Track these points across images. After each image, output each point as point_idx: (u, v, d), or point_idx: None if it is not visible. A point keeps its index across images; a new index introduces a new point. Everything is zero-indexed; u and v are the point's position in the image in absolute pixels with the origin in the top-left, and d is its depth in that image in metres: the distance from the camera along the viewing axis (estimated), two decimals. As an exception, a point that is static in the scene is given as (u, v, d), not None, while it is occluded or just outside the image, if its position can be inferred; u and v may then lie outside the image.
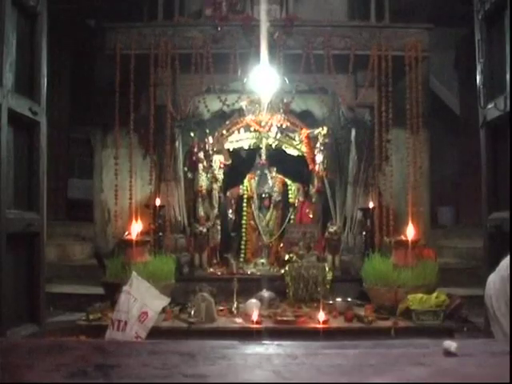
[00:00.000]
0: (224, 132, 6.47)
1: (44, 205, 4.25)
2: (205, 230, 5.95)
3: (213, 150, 6.34)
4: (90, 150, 7.89)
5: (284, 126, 6.42)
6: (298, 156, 6.58)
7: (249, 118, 6.37)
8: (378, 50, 5.91)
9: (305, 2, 6.58)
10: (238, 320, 4.75)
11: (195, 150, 6.32)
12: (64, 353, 1.53)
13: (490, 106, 4.24)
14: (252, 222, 6.40)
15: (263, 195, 6.38)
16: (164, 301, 4.39)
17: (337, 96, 6.27)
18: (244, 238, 6.38)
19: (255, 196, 6.43)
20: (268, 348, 1.59)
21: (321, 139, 6.32)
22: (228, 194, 6.55)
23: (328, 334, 4.42)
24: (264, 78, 5.88)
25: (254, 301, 4.91)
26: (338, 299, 5.15)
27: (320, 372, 1.36)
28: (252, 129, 6.41)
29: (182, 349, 1.59)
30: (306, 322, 4.68)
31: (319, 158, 6.32)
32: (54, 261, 6.76)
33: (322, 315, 4.57)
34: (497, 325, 2.95)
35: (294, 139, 6.51)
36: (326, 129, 6.36)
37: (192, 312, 4.70)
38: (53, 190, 7.83)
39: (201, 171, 6.32)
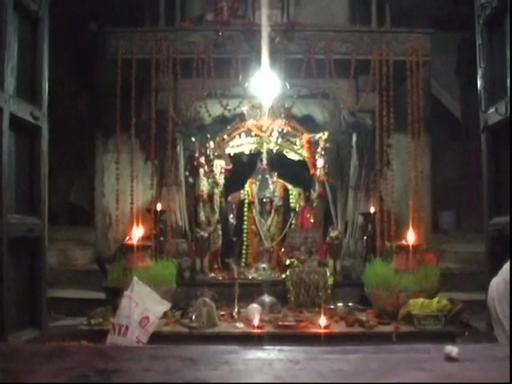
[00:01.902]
0: (225, 137, 6.48)
1: (45, 209, 4.25)
2: (206, 235, 5.95)
3: (214, 154, 6.34)
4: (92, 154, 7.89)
5: (285, 131, 6.43)
6: (299, 161, 6.59)
7: (250, 123, 6.38)
8: (379, 54, 5.92)
9: (306, 7, 6.59)
10: (240, 325, 4.74)
11: (196, 154, 6.33)
12: (65, 357, 1.53)
13: (491, 110, 4.24)
14: (253, 227, 6.41)
15: (264, 200, 6.39)
16: (165, 305, 4.39)
17: (338, 101, 6.27)
18: (245, 243, 6.38)
19: (256, 201, 6.44)
20: (269, 353, 1.58)
21: (322, 144, 6.33)
22: (229, 198, 6.56)
23: (329, 339, 4.42)
24: (265, 83, 5.89)
25: (255, 306, 4.91)
26: (340, 304, 5.15)
27: (321, 377, 1.36)
28: (253, 133, 6.42)
29: (184, 354, 1.58)
30: (307, 327, 4.67)
31: (320, 162, 6.33)
32: (56, 265, 6.76)
33: (323, 320, 4.57)
34: (500, 327, 2.96)
35: (295, 144, 6.52)
36: (327, 133, 6.37)
37: (193, 317, 4.70)
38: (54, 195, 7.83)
39: (202, 176, 6.33)
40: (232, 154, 6.57)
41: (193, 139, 6.38)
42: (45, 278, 4.29)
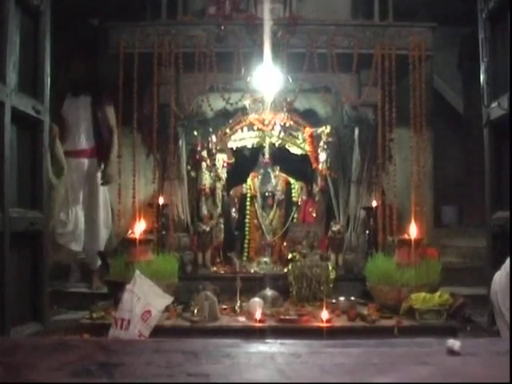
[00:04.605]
0: (227, 131, 6.48)
1: (47, 203, 4.25)
2: (208, 229, 5.95)
3: (216, 148, 6.33)
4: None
5: (287, 125, 6.42)
6: (302, 155, 6.58)
7: (252, 117, 6.37)
8: (381, 48, 5.91)
9: (308, 1, 6.57)
10: (241, 319, 4.75)
11: (198, 148, 6.32)
12: (67, 351, 1.53)
13: (493, 104, 4.23)
14: (255, 221, 6.41)
15: (266, 194, 6.38)
16: (167, 299, 4.39)
17: (340, 95, 6.26)
18: (247, 237, 6.38)
19: (258, 195, 6.44)
20: (271, 347, 1.59)
21: (324, 138, 6.32)
22: (231, 192, 6.56)
23: (331, 333, 4.42)
24: (267, 77, 5.88)
25: (257, 299, 4.91)
26: (341, 298, 5.15)
27: (323, 371, 1.36)
28: (255, 127, 6.41)
29: (186, 347, 1.59)
30: (309, 321, 4.68)
31: (322, 156, 6.33)
32: (58, 259, 6.75)
33: (325, 314, 4.57)
34: (502, 320, 2.98)
35: (297, 138, 6.52)
36: (329, 127, 6.36)
37: (195, 311, 4.71)
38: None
39: (204, 170, 6.33)
40: (234, 148, 6.57)
41: (195, 133, 6.38)
42: (46, 272, 4.30)
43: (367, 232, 5.98)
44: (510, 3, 3.93)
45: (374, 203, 5.95)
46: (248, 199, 6.45)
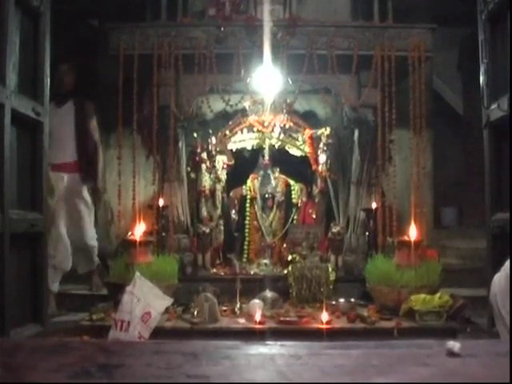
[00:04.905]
0: (227, 132, 6.47)
1: (47, 205, 4.25)
2: (208, 231, 5.94)
3: (216, 150, 6.33)
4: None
5: (287, 127, 6.42)
6: (301, 156, 6.57)
7: (252, 119, 6.36)
8: (381, 50, 5.91)
9: (308, 2, 6.57)
10: (241, 320, 4.74)
11: (198, 150, 6.31)
12: (67, 353, 1.53)
13: (493, 106, 4.23)
14: (255, 223, 6.40)
15: (266, 195, 6.38)
16: (167, 301, 4.40)
17: (340, 96, 6.26)
18: (247, 239, 6.38)
19: (258, 196, 6.43)
20: (271, 348, 1.59)
21: (324, 139, 6.32)
22: (231, 194, 6.55)
23: (331, 335, 4.42)
24: (267, 78, 5.88)
25: (257, 301, 4.91)
26: (341, 299, 5.15)
27: (323, 372, 1.36)
28: (255, 129, 6.40)
29: (186, 349, 1.59)
30: (308, 323, 4.67)
31: (322, 158, 6.32)
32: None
33: (325, 315, 4.56)
34: (502, 323, 2.98)
35: (297, 139, 6.51)
36: (329, 129, 6.35)
37: (195, 312, 4.71)
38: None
39: (204, 171, 6.32)
40: (234, 150, 6.56)
41: (195, 135, 6.37)
42: (46, 274, 4.30)
43: (367, 233, 5.97)
44: (509, 4, 3.93)
45: (374, 204, 5.95)
46: (248, 201, 6.44)
